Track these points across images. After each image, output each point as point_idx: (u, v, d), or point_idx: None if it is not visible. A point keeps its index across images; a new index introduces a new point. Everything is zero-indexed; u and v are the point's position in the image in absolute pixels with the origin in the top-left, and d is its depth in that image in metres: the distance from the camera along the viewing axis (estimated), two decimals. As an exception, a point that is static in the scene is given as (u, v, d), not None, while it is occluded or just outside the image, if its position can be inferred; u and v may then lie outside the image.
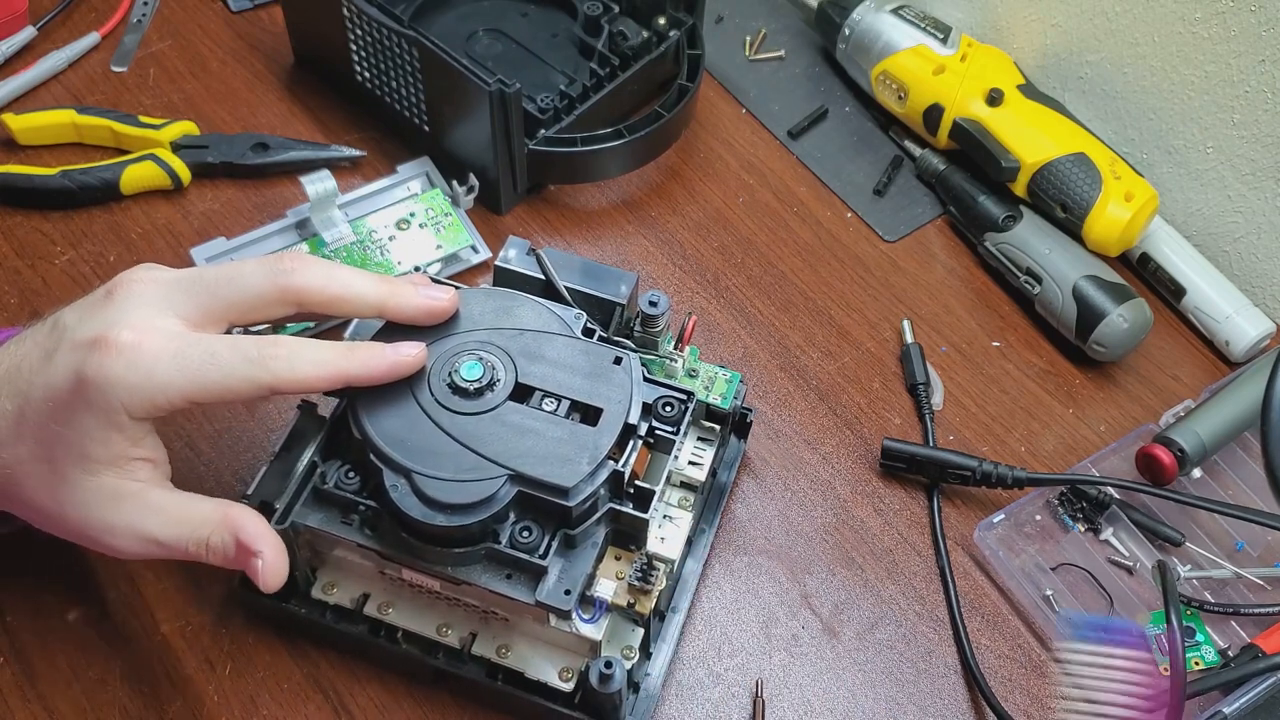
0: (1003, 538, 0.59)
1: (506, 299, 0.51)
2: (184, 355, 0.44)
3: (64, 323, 0.46)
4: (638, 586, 0.48)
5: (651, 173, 0.72)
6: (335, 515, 0.48)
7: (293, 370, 0.45)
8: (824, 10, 0.76)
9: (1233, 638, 0.56)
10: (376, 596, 0.51)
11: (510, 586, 0.46)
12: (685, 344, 0.56)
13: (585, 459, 0.47)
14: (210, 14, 0.77)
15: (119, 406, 0.43)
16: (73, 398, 0.43)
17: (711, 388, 0.55)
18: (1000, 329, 0.68)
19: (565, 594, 0.46)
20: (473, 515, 0.45)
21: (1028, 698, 0.55)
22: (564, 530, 0.47)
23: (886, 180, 0.73)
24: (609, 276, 0.54)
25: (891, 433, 0.63)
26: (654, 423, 0.50)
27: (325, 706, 0.52)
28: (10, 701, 0.51)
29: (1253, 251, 0.68)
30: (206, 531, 0.46)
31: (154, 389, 0.43)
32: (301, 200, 0.65)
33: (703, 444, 0.55)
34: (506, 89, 0.61)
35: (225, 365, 0.44)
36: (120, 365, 0.43)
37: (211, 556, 0.46)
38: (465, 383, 0.48)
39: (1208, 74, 0.65)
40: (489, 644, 0.50)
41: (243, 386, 0.45)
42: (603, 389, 0.49)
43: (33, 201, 0.67)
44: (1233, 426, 0.60)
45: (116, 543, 0.46)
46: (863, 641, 0.56)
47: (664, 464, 0.50)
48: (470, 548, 0.46)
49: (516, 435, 0.47)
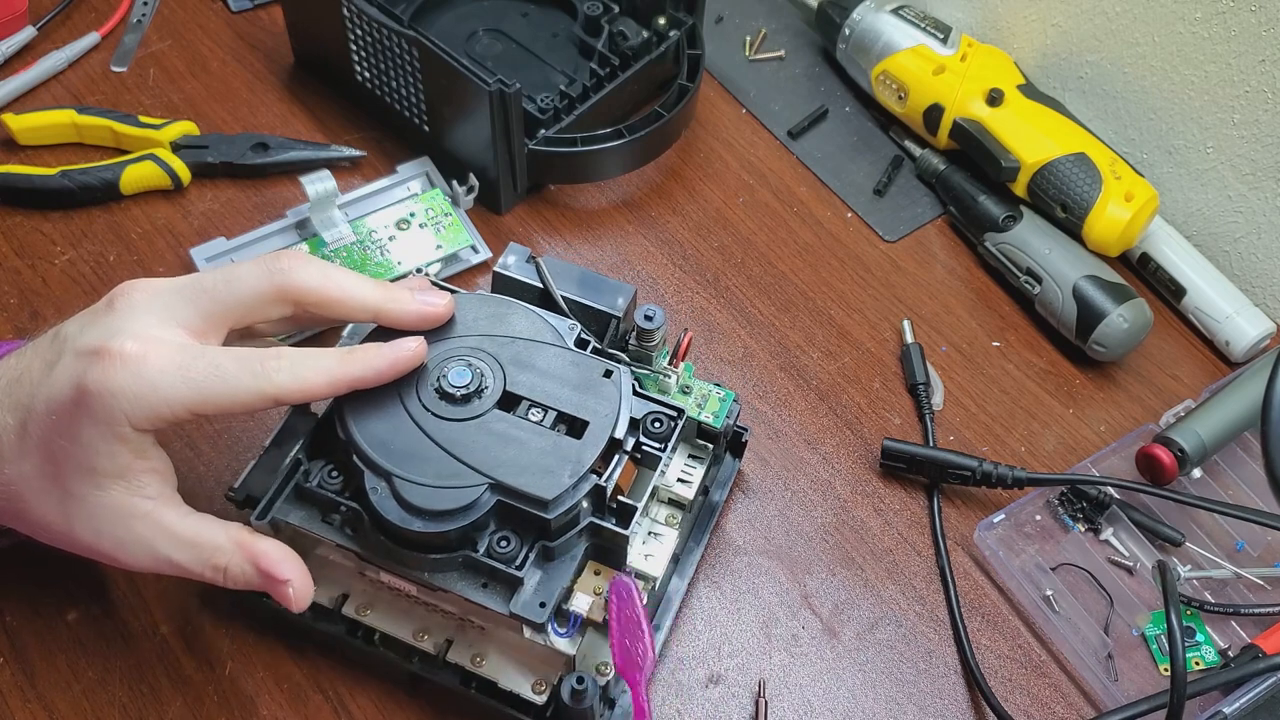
0: (1003, 538, 0.59)
1: (501, 306, 0.51)
2: (189, 368, 0.44)
3: (65, 333, 0.45)
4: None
5: (651, 173, 0.72)
6: (316, 514, 0.48)
7: (295, 379, 0.45)
8: (824, 10, 0.76)
9: (1233, 638, 0.56)
10: (355, 597, 0.51)
11: (486, 596, 0.46)
12: (680, 360, 0.55)
13: (567, 471, 0.46)
14: (210, 14, 0.77)
15: (122, 418, 0.43)
16: (75, 409, 0.43)
17: (705, 405, 0.54)
18: (1000, 329, 0.68)
19: (540, 606, 0.45)
20: (451, 522, 0.45)
21: (1028, 698, 0.55)
22: (543, 542, 0.46)
23: (886, 180, 0.73)
24: (607, 288, 0.54)
25: (891, 433, 0.63)
26: (641, 438, 0.49)
27: (325, 707, 0.52)
28: (10, 701, 0.51)
29: (1253, 251, 0.68)
30: (223, 560, 0.46)
31: (158, 401, 0.43)
32: (301, 200, 0.65)
33: (694, 462, 0.54)
34: (506, 89, 0.61)
35: (230, 378, 0.44)
36: (123, 376, 0.43)
37: (230, 583, 0.46)
38: (453, 388, 0.48)
39: (1208, 74, 0.65)
40: (464, 652, 0.50)
41: (248, 398, 0.44)
42: (590, 401, 0.49)
43: (33, 201, 0.67)
44: (1233, 426, 0.60)
45: (130, 559, 0.46)
46: (863, 641, 0.56)
47: (649, 480, 0.50)
48: (447, 555, 0.46)
49: (500, 444, 0.47)
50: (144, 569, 0.46)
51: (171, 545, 0.46)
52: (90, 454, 0.44)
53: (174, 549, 0.46)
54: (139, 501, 0.45)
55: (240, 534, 0.46)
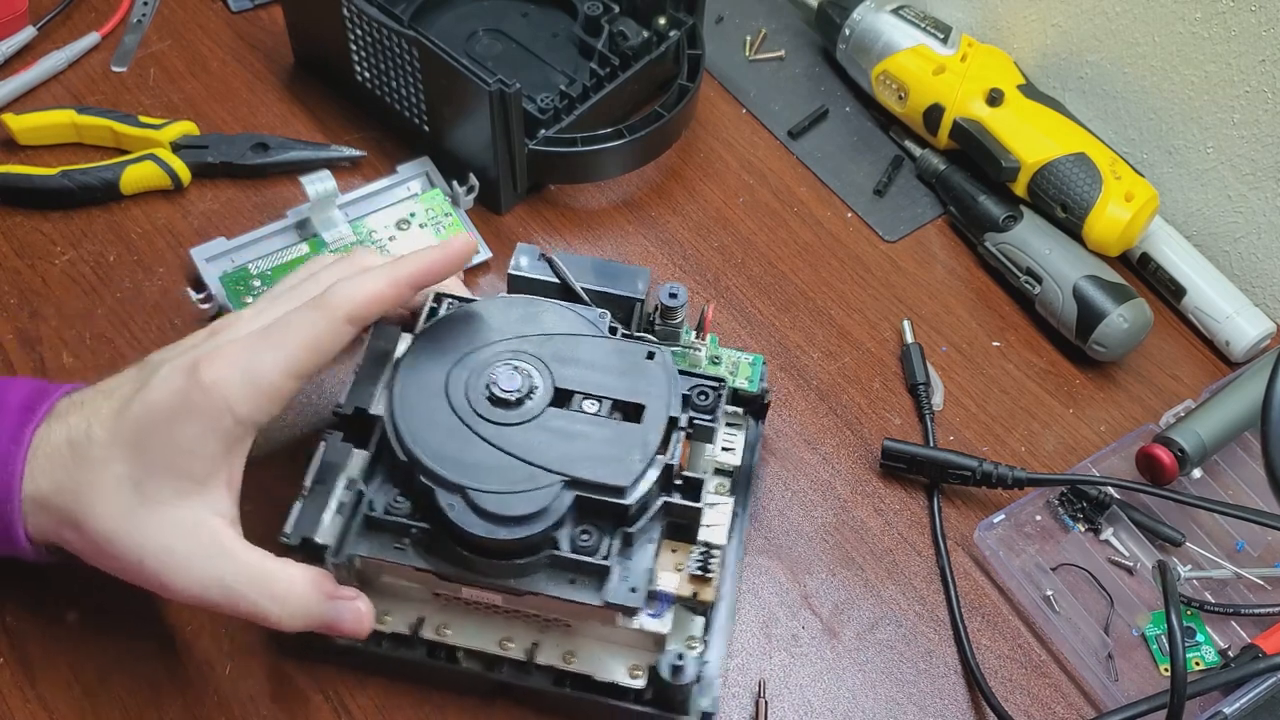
0: (1003, 538, 0.59)
1: (531, 305, 0.52)
2: (265, 338, 0.46)
3: (158, 358, 0.47)
4: (699, 576, 0.48)
5: (651, 173, 0.72)
6: (387, 541, 0.47)
7: (357, 291, 0.46)
8: (824, 10, 0.76)
9: (1233, 638, 0.56)
10: (432, 619, 0.50)
11: (576, 591, 0.46)
12: (706, 332, 0.57)
13: (637, 456, 0.47)
14: (210, 14, 0.77)
15: (225, 407, 0.44)
16: (179, 409, 0.44)
17: (737, 372, 0.56)
18: (1000, 329, 0.68)
19: (632, 592, 0.46)
20: (534, 525, 0.45)
21: (1028, 698, 0.55)
22: (623, 529, 0.47)
23: (886, 180, 0.73)
24: (623, 274, 0.55)
25: (891, 433, 0.63)
26: (691, 413, 0.50)
27: (325, 707, 0.52)
28: (10, 701, 0.51)
29: (1253, 251, 0.68)
30: (282, 589, 0.45)
31: (256, 376, 0.45)
32: (301, 200, 0.65)
33: (731, 429, 0.56)
34: (506, 89, 0.61)
35: (301, 322, 0.46)
36: (226, 368, 0.45)
37: (286, 613, 0.46)
38: (505, 393, 0.48)
39: (1208, 74, 0.65)
40: (554, 651, 0.49)
41: (327, 332, 0.46)
42: (641, 385, 0.49)
43: (33, 201, 0.67)
44: (1233, 426, 0.60)
45: (184, 580, 0.45)
46: (863, 641, 0.56)
47: (705, 452, 0.51)
48: (532, 558, 0.46)
49: (564, 440, 0.47)
50: (192, 595, 0.45)
51: (231, 569, 0.45)
52: (184, 455, 0.45)
53: (233, 572, 0.45)
54: (212, 518, 0.46)
55: (311, 570, 0.46)
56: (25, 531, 0.47)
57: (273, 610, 0.45)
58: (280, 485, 0.56)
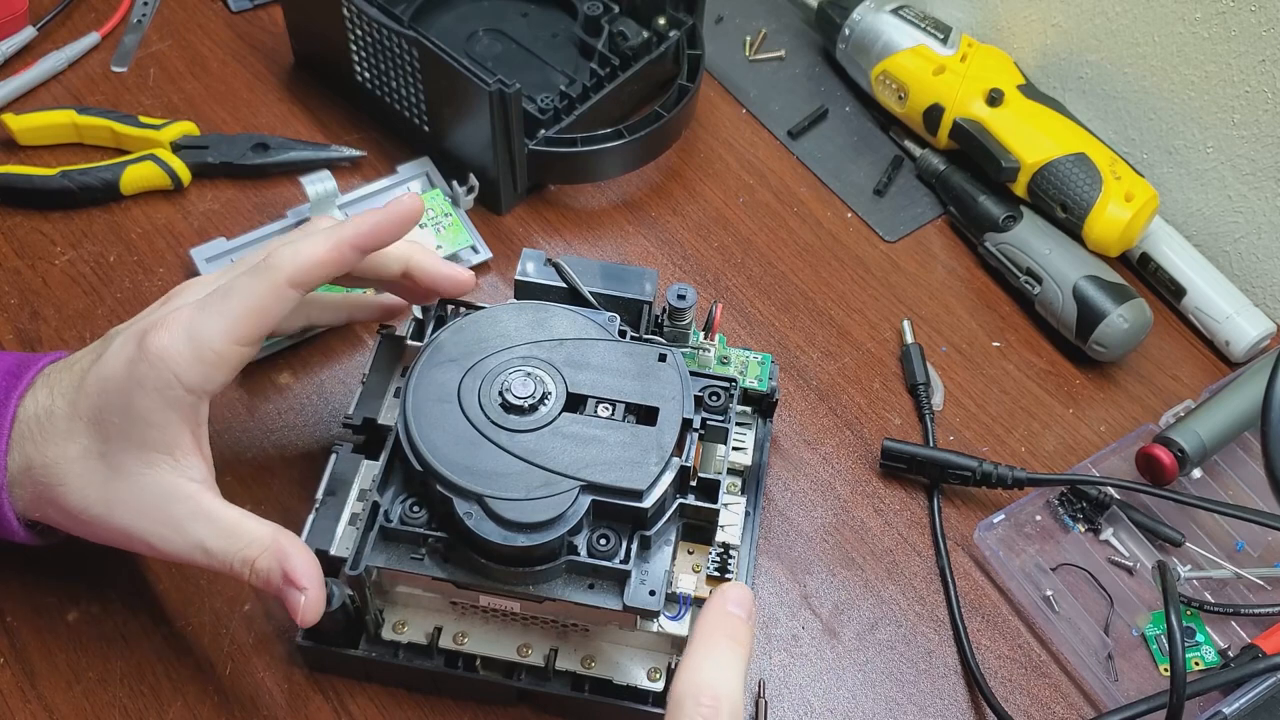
0: (1003, 538, 0.59)
1: (540, 311, 0.51)
2: (207, 306, 0.45)
3: (114, 330, 0.48)
4: (717, 576, 0.48)
5: (651, 173, 0.72)
6: (404, 552, 0.47)
7: (298, 254, 0.46)
8: (824, 10, 0.76)
9: (1233, 638, 0.56)
10: (449, 627, 0.50)
11: (595, 596, 0.46)
12: (715, 333, 0.57)
13: (653, 459, 0.47)
14: (210, 14, 0.77)
15: (172, 378, 0.44)
16: (128, 379, 0.44)
17: (747, 371, 0.56)
18: (1000, 329, 0.68)
19: (651, 595, 0.46)
20: (552, 531, 0.45)
21: (1028, 698, 0.55)
22: (640, 532, 0.47)
23: (886, 180, 0.73)
24: (630, 276, 0.54)
25: (891, 433, 0.63)
26: (704, 414, 0.50)
27: (325, 707, 0.52)
28: (10, 701, 0.51)
29: (1253, 251, 0.68)
30: (255, 553, 0.46)
31: (200, 345, 0.44)
32: (301, 200, 0.65)
33: (741, 429, 0.56)
34: (506, 89, 0.61)
35: (242, 287, 0.45)
36: (168, 338, 0.44)
37: (254, 579, 0.46)
38: (518, 400, 0.48)
39: (1208, 74, 0.65)
40: (572, 657, 0.50)
41: (268, 295, 0.45)
42: (654, 387, 0.49)
43: (33, 201, 0.67)
44: (1233, 426, 0.60)
45: (164, 544, 0.46)
46: (863, 642, 0.56)
47: (718, 453, 0.51)
48: (551, 564, 0.46)
49: (579, 445, 0.47)
50: (175, 556, 0.46)
51: (210, 532, 0.46)
52: (143, 427, 0.45)
53: (211, 536, 0.46)
54: (184, 483, 0.46)
55: (280, 533, 0.46)
56: (13, 511, 0.47)
57: (243, 571, 0.46)
58: (291, 497, 0.56)
